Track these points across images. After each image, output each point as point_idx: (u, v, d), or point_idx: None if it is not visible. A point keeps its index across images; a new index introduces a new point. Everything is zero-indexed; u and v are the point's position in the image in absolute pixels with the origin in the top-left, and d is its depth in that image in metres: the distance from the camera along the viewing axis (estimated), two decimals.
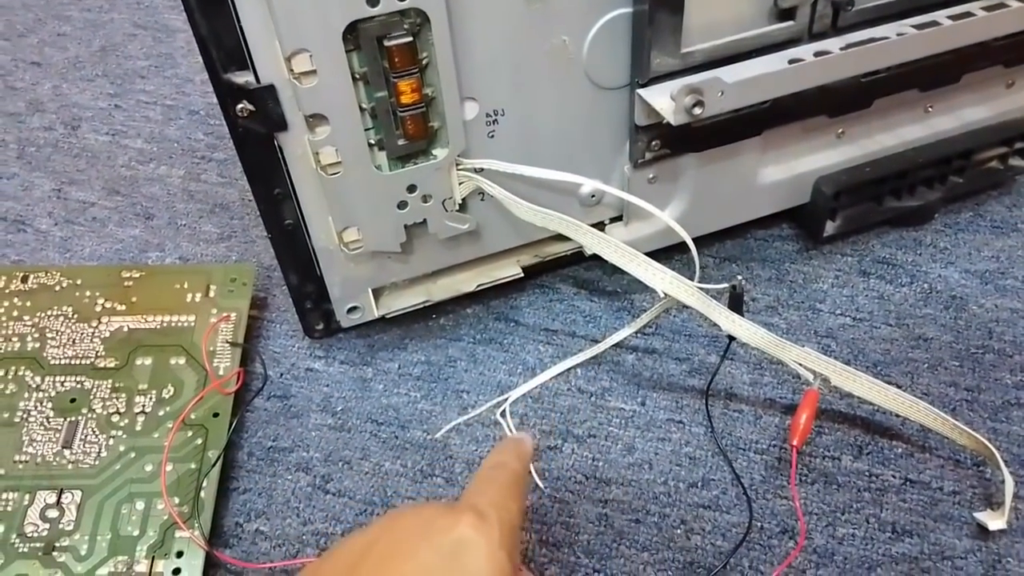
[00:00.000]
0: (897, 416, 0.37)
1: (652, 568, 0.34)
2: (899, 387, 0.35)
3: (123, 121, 0.54)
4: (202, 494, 0.35)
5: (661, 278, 0.34)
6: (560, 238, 0.41)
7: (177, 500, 0.34)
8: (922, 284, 0.43)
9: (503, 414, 0.39)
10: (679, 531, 0.35)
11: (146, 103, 0.55)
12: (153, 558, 0.33)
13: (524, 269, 0.41)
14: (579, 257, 0.43)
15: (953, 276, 0.43)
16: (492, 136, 0.35)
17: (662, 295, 0.34)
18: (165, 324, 0.40)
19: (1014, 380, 0.39)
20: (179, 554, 0.33)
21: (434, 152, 0.34)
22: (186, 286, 0.41)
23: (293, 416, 0.39)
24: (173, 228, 0.48)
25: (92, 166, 0.52)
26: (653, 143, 0.37)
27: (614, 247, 0.34)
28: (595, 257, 0.37)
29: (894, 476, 0.36)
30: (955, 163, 0.43)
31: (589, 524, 0.35)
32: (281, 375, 0.41)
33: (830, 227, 0.43)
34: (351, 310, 0.39)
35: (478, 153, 0.35)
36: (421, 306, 0.40)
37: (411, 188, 0.34)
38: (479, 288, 0.40)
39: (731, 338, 0.37)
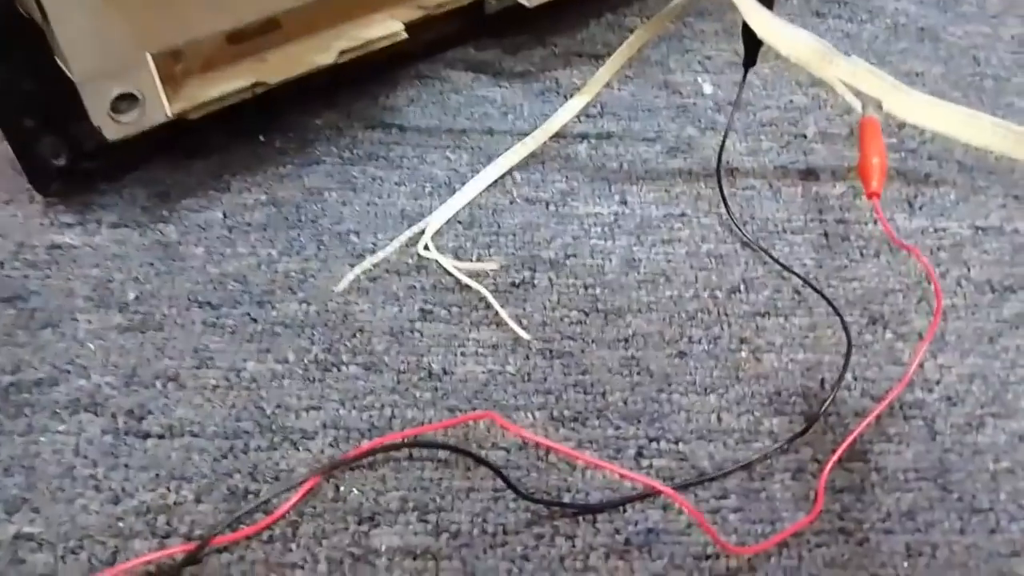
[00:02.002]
0: (930, 159, 0.28)
1: (730, 413, 0.22)
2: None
3: None
4: None
5: None
6: None
7: None
8: (884, 19, 0.35)
9: (427, 248, 0.24)
10: (743, 354, 0.23)
11: None
12: None
13: (407, 28, 0.26)
14: (470, 30, 0.29)
15: (910, 8, 0.36)
16: None
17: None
18: None
19: None
20: None
21: None
22: None
23: (43, 325, 0.21)
24: None
25: None
26: None
27: None
28: (491, 29, 0.26)
29: (961, 227, 0.27)
30: None
31: (615, 377, 0.22)
32: (3, 266, 0.22)
33: None
34: (120, 102, 0.21)
35: None
36: (249, 94, 0.23)
37: None
38: (342, 59, 0.25)
39: (748, 65, 0.26)
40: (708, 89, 0.30)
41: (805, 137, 0.29)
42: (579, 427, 0.21)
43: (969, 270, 0.26)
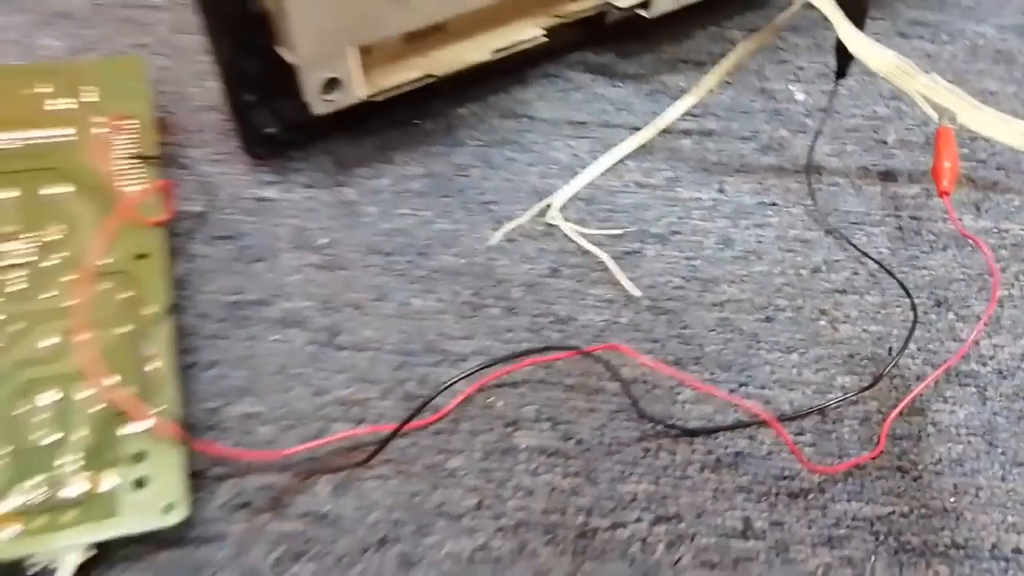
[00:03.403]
0: (999, 169, 0.32)
1: (809, 369, 0.26)
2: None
3: None
4: (154, 366, 0.21)
5: None
6: None
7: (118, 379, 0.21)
8: (963, 41, 0.38)
9: (553, 219, 0.29)
10: (823, 323, 0.27)
11: None
12: (94, 470, 0.19)
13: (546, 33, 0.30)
14: (591, 37, 0.33)
15: (989, 32, 0.39)
16: None
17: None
18: (25, 142, 0.25)
19: None
20: (139, 456, 0.20)
21: None
22: (46, 90, 0.26)
23: (255, 259, 0.27)
24: None
25: None
26: None
27: None
28: (608, 36, 0.31)
29: (1023, 230, 0.30)
30: None
31: (711, 333, 0.26)
32: (220, 211, 0.28)
33: None
34: (329, 85, 0.26)
35: None
36: (421, 83, 0.28)
37: None
38: (495, 56, 0.29)
39: (839, 76, 0.30)
40: (800, 96, 0.34)
41: (886, 143, 0.33)
42: (680, 370, 0.25)
43: None
